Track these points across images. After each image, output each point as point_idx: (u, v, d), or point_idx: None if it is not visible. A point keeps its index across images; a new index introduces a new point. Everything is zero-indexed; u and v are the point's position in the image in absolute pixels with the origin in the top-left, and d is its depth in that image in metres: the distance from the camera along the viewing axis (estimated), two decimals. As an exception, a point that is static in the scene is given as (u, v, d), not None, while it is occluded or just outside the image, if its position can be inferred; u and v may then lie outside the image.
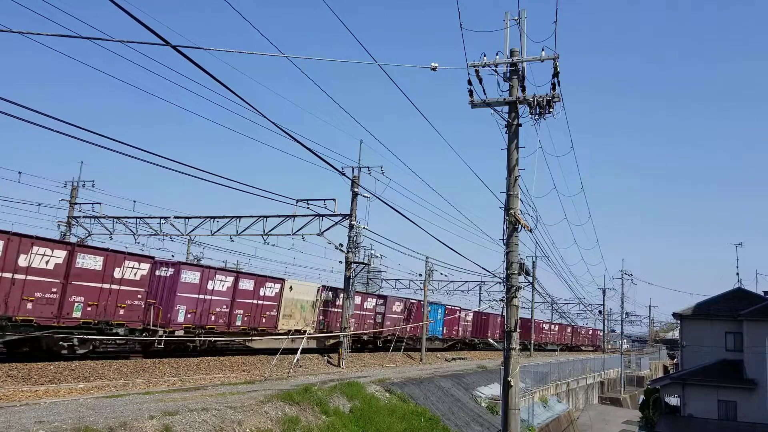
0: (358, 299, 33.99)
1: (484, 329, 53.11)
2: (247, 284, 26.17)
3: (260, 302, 26.97)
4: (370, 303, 36.61)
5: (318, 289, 30.89)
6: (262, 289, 27.01)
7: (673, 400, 30.79)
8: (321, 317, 31.26)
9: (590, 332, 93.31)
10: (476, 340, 51.75)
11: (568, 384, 44.22)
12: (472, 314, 49.83)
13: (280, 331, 28.02)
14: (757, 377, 27.94)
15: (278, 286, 28.02)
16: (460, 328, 47.96)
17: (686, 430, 28.20)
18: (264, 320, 27.12)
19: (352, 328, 30.40)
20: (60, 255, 18.29)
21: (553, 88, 13.80)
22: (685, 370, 31.21)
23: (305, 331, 29.16)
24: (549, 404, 35.64)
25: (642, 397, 38.59)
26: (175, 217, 31.84)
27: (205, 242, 47.80)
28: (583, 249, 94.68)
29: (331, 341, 33.02)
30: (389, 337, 38.02)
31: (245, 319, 26.04)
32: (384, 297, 38.23)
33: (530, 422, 28.88)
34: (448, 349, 45.67)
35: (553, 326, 73.10)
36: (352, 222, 27.84)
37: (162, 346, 22.13)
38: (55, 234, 34.22)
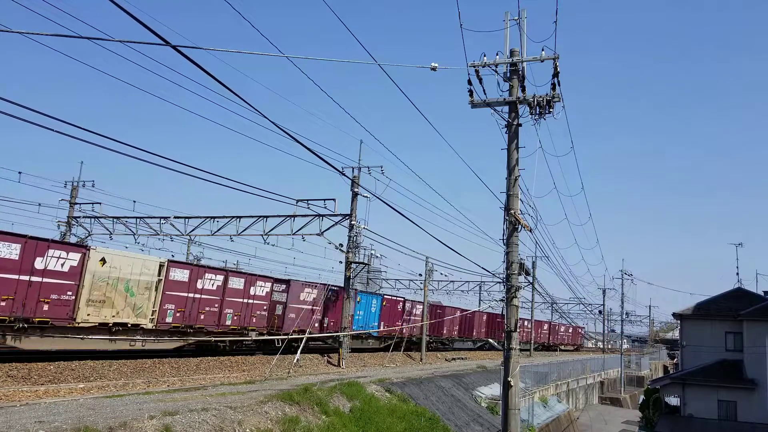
0: (239, 282, 25.84)
1: (439, 325, 44.70)
2: (3, 250, 17.13)
3: (36, 279, 17.78)
4: (262, 288, 27.18)
5: (161, 266, 22.13)
6: (39, 259, 17.95)
7: (673, 400, 30.81)
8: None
9: (570, 330, 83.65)
10: (428, 338, 42.80)
11: (568, 384, 44.24)
12: (420, 307, 42.43)
13: (83, 325, 19.37)
14: (757, 377, 27.94)
15: (77, 256, 19.17)
16: (406, 324, 39.88)
17: (686, 430, 28.20)
18: (47, 308, 18.21)
19: (229, 322, 24.83)
20: None
21: (553, 88, 13.82)
22: (685, 370, 31.21)
23: (136, 325, 21.27)
24: (549, 404, 35.65)
25: (642, 397, 38.60)
26: (175, 217, 31.89)
27: (205, 242, 47.91)
28: (583, 249, 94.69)
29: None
30: (297, 336, 28.32)
31: (2, 304, 17.05)
32: (286, 281, 28.85)
33: (530, 422, 28.89)
34: (384, 349, 37.49)
35: (525, 322, 64.41)
36: (352, 222, 27.85)
37: None
38: (54, 234, 34.29)
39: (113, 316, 20.49)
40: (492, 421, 24.69)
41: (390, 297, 39.43)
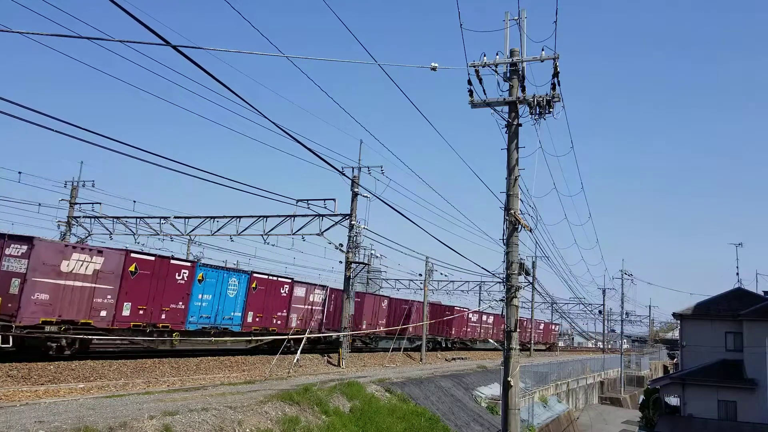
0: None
1: (354, 318, 33.30)
2: None
3: None
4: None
5: None
6: None
7: (673, 400, 30.78)
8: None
9: (541, 327, 71.46)
10: (324, 339, 31.52)
11: (568, 384, 44.25)
12: (324, 293, 31.83)
13: None
14: (757, 377, 27.93)
15: None
16: (295, 316, 28.89)
17: (686, 430, 28.19)
18: None
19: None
20: None
21: (553, 88, 13.81)
22: (685, 370, 31.20)
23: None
24: (549, 404, 35.67)
25: (642, 397, 38.60)
26: (175, 217, 31.90)
27: (205, 242, 47.91)
28: (583, 249, 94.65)
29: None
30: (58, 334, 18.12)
31: None
32: (27, 239, 18.19)
33: (530, 422, 28.90)
34: (252, 352, 28.11)
35: (485, 318, 54.62)
36: (352, 222, 27.85)
37: None
38: (54, 234, 34.25)
39: None
40: (492, 421, 24.70)
41: (266, 277, 27.76)
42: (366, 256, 35.66)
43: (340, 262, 29.60)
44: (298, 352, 25.71)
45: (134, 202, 39.96)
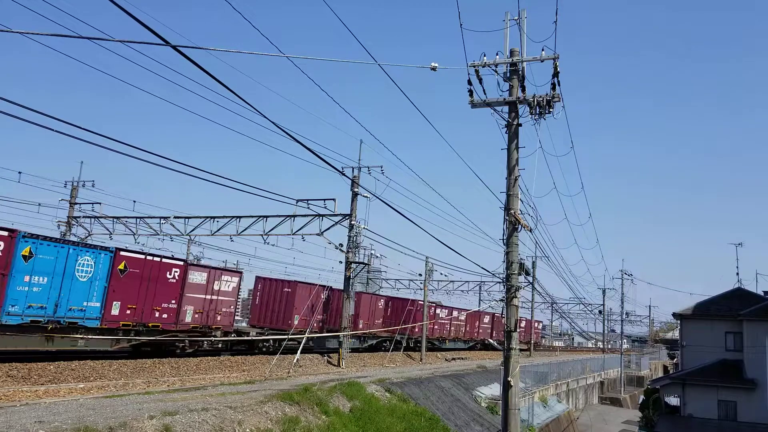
0: None
1: (285, 314, 29.54)
2: None
3: None
4: None
5: None
6: None
7: (673, 400, 30.79)
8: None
9: (522, 324, 55.70)
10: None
11: (568, 384, 44.25)
12: (234, 281, 26.10)
13: None
14: (757, 377, 27.93)
15: None
16: (191, 308, 23.34)
17: (686, 430, 28.19)
18: None
19: None
20: None
21: (553, 88, 13.81)
22: (685, 370, 31.20)
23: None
24: (549, 404, 35.66)
25: (642, 397, 38.59)
26: (175, 217, 31.89)
27: (205, 242, 47.92)
28: (583, 249, 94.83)
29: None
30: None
31: None
32: None
33: (530, 422, 28.91)
34: (150, 354, 22.32)
35: (457, 313, 48.09)
36: (352, 222, 27.85)
37: None
38: (55, 234, 34.26)
39: None
40: (492, 421, 24.70)
41: (143, 257, 21.50)
42: (366, 256, 35.53)
43: (340, 262, 29.63)
44: (298, 352, 25.70)
45: (134, 202, 40.20)
